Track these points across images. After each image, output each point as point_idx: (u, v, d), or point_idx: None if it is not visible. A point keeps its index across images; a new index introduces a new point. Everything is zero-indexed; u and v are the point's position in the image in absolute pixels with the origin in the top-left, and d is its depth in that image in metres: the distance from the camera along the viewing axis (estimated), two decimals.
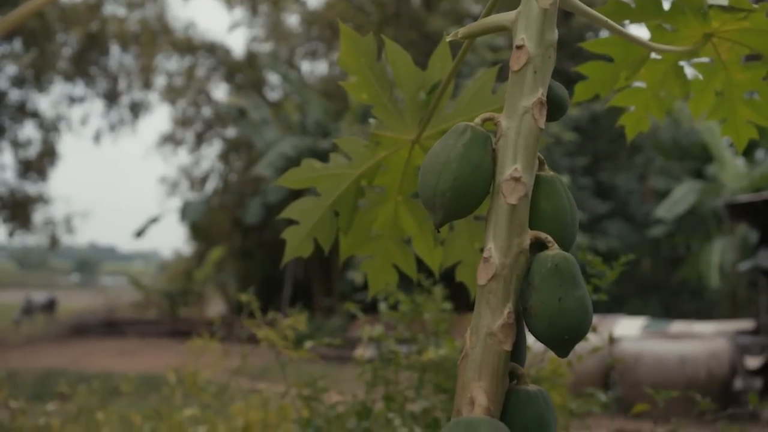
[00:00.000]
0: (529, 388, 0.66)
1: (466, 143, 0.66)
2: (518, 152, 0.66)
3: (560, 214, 0.68)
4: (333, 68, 21.75)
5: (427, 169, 0.68)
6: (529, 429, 0.64)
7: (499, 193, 0.66)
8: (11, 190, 17.18)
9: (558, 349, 0.65)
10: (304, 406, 2.12)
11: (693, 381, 7.01)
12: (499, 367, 0.64)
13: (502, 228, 0.65)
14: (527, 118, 0.67)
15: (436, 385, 2.13)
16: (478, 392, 0.60)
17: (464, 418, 0.59)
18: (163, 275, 26.35)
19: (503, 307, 0.64)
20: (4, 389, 3.30)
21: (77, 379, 8.51)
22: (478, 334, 0.64)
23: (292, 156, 15.25)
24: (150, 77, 19.98)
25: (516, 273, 0.66)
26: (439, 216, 0.68)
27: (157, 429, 2.74)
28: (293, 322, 2.58)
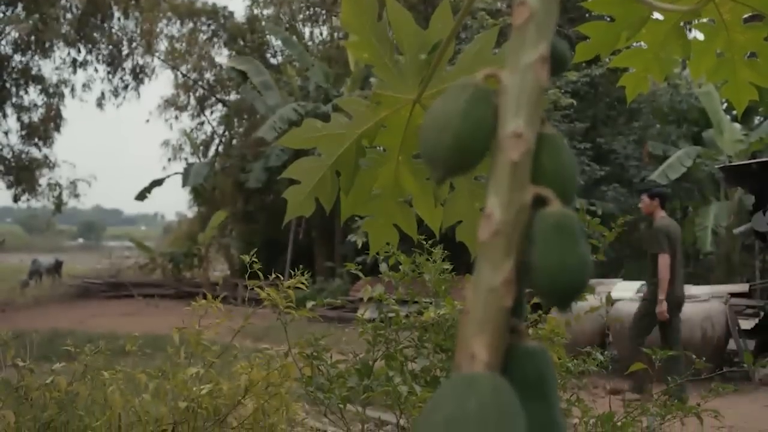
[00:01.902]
0: (529, 345, 0.66)
1: (468, 99, 0.66)
2: (520, 108, 0.66)
3: (562, 171, 0.68)
4: (334, 33, 21.62)
5: (427, 126, 0.67)
6: (529, 384, 0.64)
7: (500, 149, 0.65)
8: (16, 154, 17.17)
9: (558, 303, 0.65)
10: (307, 365, 2.14)
11: (688, 342, 7.06)
12: (500, 322, 0.64)
13: (504, 184, 0.64)
14: (529, 74, 0.67)
15: (436, 345, 2.15)
16: (478, 347, 0.60)
17: (464, 373, 0.59)
18: (167, 238, 26.48)
19: (504, 263, 0.64)
20: (12, 349, 3.33)
21: (83, 339, 8.57)
22: (479, 290, 0.64)
23: (294, 120, 15.24)
24: (152, 42, 19.86)
25: (517, 229, 0.65)
26: (440, 173, 0.67)
27: (162, 387, 2.77)
28: (295, 282, 2.60)
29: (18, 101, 17.14)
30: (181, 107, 23.33)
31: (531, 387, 0.65)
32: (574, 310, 1.75)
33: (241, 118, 20.51)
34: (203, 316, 2.82)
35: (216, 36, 21.85)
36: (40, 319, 12.15)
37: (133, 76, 20.37)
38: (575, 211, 0.68)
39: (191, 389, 2.59)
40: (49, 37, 15.83)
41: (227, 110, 21.48)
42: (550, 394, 0.68)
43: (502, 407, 0.60)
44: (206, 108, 23.10)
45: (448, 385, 0.60)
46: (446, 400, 0.59)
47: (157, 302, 15.33)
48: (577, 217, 0.64)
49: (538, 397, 0.67)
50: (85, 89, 19.81)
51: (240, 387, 2.60)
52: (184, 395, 2.60)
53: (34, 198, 17.86)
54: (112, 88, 20.27)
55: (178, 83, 22.91)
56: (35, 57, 16.98)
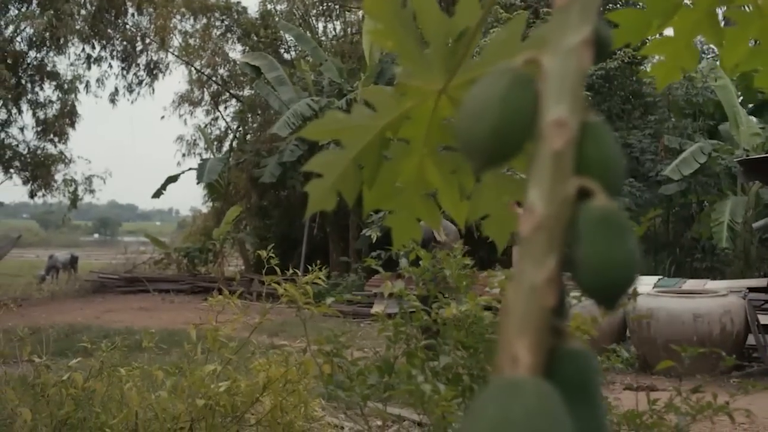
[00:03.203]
0: (573, 347, 0.62)
1: (507, 85, 0.61)
2: (563, 94, 0.62)
3: (607, 161, 0.64)
4: (347, 28, 21.58)
5: (465, 114, 0.63)
6: (573, 389, 0.60)
7: (542, 138, 0.61)
8: (32, 150, 17.23)
9: (605, 302, 0.61)
10: (326, 362, 2.11)
11: (706, 338, 6.99)
12: (542, 323, 0.60)
13: (546, 175, 0.60)
14: (572, 58, 0.63)
15: (457, 342, 2.11)
16: (521, 349, 0.56)
17: (507, 377, 0.55)
18: (181, 233, 26.58)
19: (547, 259, 0.60)
20: (29, 345, 3.32)
21: (100, 334, 8.62)
22: (520, 288, 0.60)
23: (308, 116, 15.23)
24: (166, 38, 19.89)
25: (560, 223, 0.61)
26: (478, 163, 0.63)
27: (179, 384, 2.75)
28: (313, 278, 2.57)
29: (33, 97, 17.21)
30: (195, 103, 23.37)
31: (575, 391, 0.61)
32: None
33: (255, 113, 20.50)
34: (220, 312, 2.80)
35: (229, 31, 21.84)
36: (57, 314, 12.20)
37: (147, 71, 20.40)
38: (621, 204, 0.64)
39: (209, 386, 2.56)
40: (63, 34, 15.85)
41: (241, 106, 21.48)
42: (595, 399, 0.64)
43: (549, 413, 0.56)
44: (220, 103, 23.12)
45: (491, 390, 0.56)
46: (489, 406, 0.56)
47: (172, 297, 15.38)
48: (623, 211, 0.61)
49: (582, 402, 0.63)
50: (100, 85, 19.86)
51: (258, 384, 2.57)
52: (202, 392, 2.57)
53: (49, 194, 17.94)
54: (127, 84, 20.32)
55: (192, 79, 22.94)
56: (50, 53, 17.04)
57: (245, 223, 19.42)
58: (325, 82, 16.93)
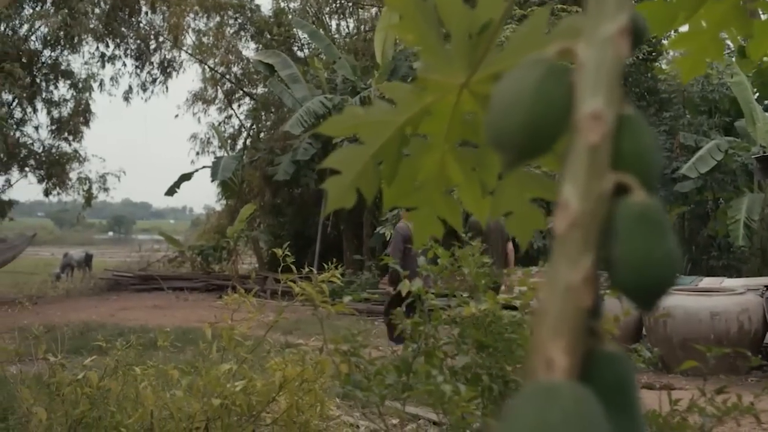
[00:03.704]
0: (610, 349, 0.60)
1: (541, 76, 0.59)
2: (599, 86, 0.59)
3: (644, 156, 0.61)
4: (360, 26, 21.56)
5: (496, 106, 0.61)
6: (610, 393, 0.58)
7: (577, 131, 0.58)
8: (47, 149, 17.31)
9: (643, 303, 0.58)
10: (344, 361, 2.08)
11: (723, 336, 6.92)
12: (578, 324, 0.57)
13: (582, 170, 0.57)
14: (609, 48, 0.60)
15: (476, 341, 2.08)
16: (556, 352, 0.53)
17: (543, 382, 0.52)
18: (195, 231, 26.66)
19: (583, 258, 0.57)
20: (44, 343, 3.32)
21: (114, 332, 8.64)
22: (555, 288, 0.58)
23: (321, 114, 15.21)
24: (179, 36, 19.93)
25: (596, 220, 0.59)
26: (509, 157, 0.60)
27: (195, 384, 2.74)
28: (329, 276, 2.55)
29: (48, 96, 17.28)
30: (208, 101, 23.43)
31: (612, 395, 0.58)
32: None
33: (269, 111, 20.51)
34: (236, 310, 2.78)
35: (243, 29, 21.86)
36: (72, 311, 12.24)
37: (160, 70, 20.46)
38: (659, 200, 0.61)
39: (224, 386, 2.55)
40: (77, 32, 15.90)
41: (255, 104, 21.51)
42: (632, 404, 0.61)
43: (587, 419, 0.53)
44: (234, 102, 23.16)
45: (527, 395, 0.54)
46: (526, 411, 0.53)
47: (186, 295, 15.41)
48: (662, 207, 0.58)
49: (619, 407, 0.61)
50: (114, 84, 19.94)
51: (274, 384, 2.55)
52: (218, 392, 2.56)
53: (64, 192, 18.00)
54: (140, 83, 20.39)
55: (206, 77, 22.99)
56: (64, 52, 17.11)
57: (259, 221, 19.44)
58: (338, 80, 16.92)
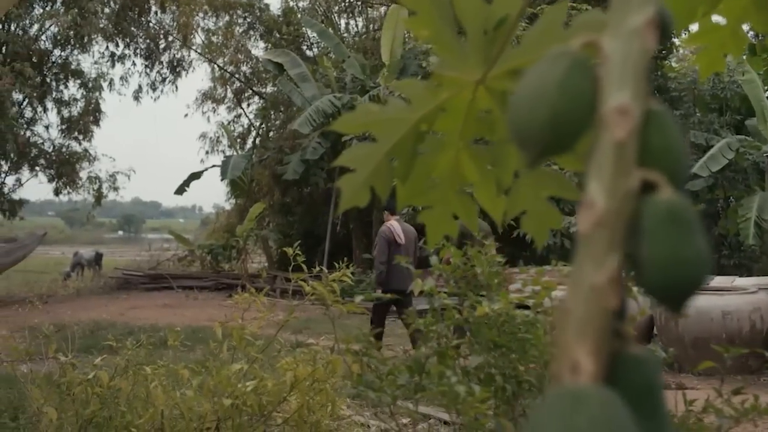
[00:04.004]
0: (637, 352, 0.58)
1: (565, 70, 0.57)
2: (625, 79, 0.57)
3: (672, 151, 0.59)
4: (369, 24, 21.56)
5: (519, 100, 0.59)
6: (637, 398, 0.56)
7: (603, 126, 0.57)
8: (57, 148, 17.36)
9: (671, 304, 0.56)
10: (355, 361, 2.07)
11: (735, 335, 6.88)
12: (604, 326, 0.55)
13: (607, 167, 0.55)
14: (635, 40, 0.58)
15: (489, 341, 2.06)
16: (582, 355, 0.51)
17: (569, 387, 0.50)
18: (205, 230, 26.71)
19: (609, 258, 0.55)
20: (54, 342, 3.32)
21: (124, 331, 8.66)
22: (580, 288, 0.56)
23: (330, 113, 15.20)
24: (189, 36, 19.97)
25: (623, 219, 0.57)
26: (533, 154, 0.58)
27: (206, 383, 2.73)
28: (340, 275, 2.53)
29: (58, 95, 17.33)
30: (218, 100, 23.47)
31: (639, 400, 0.57)
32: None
33: (278, 110, 20.53)
34: (247, 309, 2.77)
35: (252, 29, 21.89)
36: (82, 310, 12.28)
37: (170, 69, 20.51)
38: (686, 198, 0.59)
39: (235, 386, 2.54)
40: (87, 32, 15.94)
41: (264, 103, 21.53)
42: (660, 409, 0.59)
43: (615, 425, 0.51)
44: (243, 101, 23.20)
45: (552, 401, 0.52)
46: (551, 418, 0.51)
47: (196, 294, 15.43)
48: (690, 205, 0.56)
49: (647, 411, 0.59)
50: (123, 83, 20.04)
51: (285, 384, 2.54)
52: (228, 392, 2.55)
53: (74, 191, 18.05)
54: (150, 82, 20.45)
55: (215, 76, 23.04)
56: (74, 51, 17.16)
57: (268, 220, 19.46)
58: (347, 79, 16.91)
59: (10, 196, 17.06)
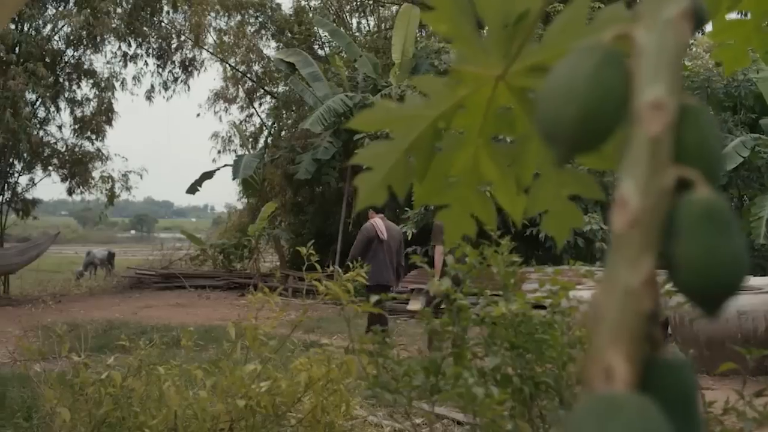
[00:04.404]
0: (672, 357, 0.55)
1: (597, 63, 0.54)
2: (660, 73, 0.54)
3: (708, 148, 0.56)
4: (381, 24, 21.55)
5: (548, 94, 0.56)
6: (672, 405, 0.53)
7: (637, 121, 0.54)
8: (70, 148, 17.42)
9: (707, 307, 0.54)
10: (370, 362, 2.05)
11: (751, 335, 6.82)
12: (638, 330, 0.53)
13: (642, 164, 0.53)
14: (670, 32, 0.55)
15: (506, 341, 2.03)
16: (616, 360, 0.49)
17: (603, 394, 0.48)
18: (217, 230, 26.77)
19: (644, 259, 0.53)
20: (67, 342, 3.31)
21: (137, 331, 8.67)
22: (613, 291, 0.53)
23: (341, 112, 15.19)
24: (201, 35, 20.00)
25: (658, 218, 0.54)
26: (563, 150, 0.56)
27: (219, 384, 2.71)
28: (354, 275, 2.52)
29: (71, 95, 17.38)
30: (230, 100, 23.52)
31: (674, 407, 0.54)
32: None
33: (290, 109, 20.54)
34: (260, 309, 2.75)
35: (264, 28, 21.91)
36: (95, 309, 12.32)
37: (182, 69, 20.52)
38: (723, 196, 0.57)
39: (249, 386, 2.52)
40: (100, 32, 15.99)
41: (276, 102, 21.54)
42: (694, 417, 0.57)
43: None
44: (255, 100, 23.23)
45: (586, 408, 0.50)
46: (586, 427, 0.49)
47: (208, 293, 15.45)
48: (728, 204, 0.54)
49: (682, 418, 0.56)
50: (136, 83, 20.06)
51: (299, 384, 2.52)
52: (242, 393, 2.53)
53: (87, 191, 18.11)
54: (162, 82, 20.46)
55: (227, 76, 23.08)
56: (87, 51, 17.22)
57: (280, 219, 19.47)
58: (359, 78, 16.89)
59: (24, 195, 17.14)
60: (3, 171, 16.03)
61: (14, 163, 16.50)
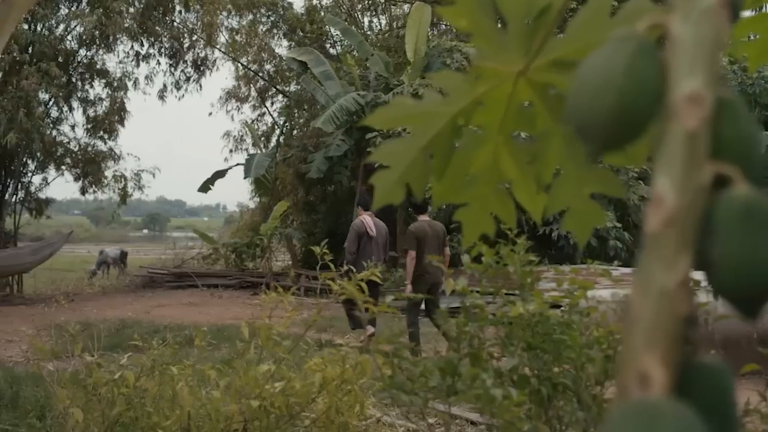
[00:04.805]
0: (709, 362, 0.53)
1: (632, 54, 0.52)
2: (696, 64, 0.52)
3: (747, 143, 0.54)
4: (393, 22, 21.54)
5: (580, 88, 0.54)
6: (709, 411, 0.51)
7: (673, 115, 0.52)
8: (83, 147, 17.48)
9: (745, 308, 0.51)
10: (385, 363, 2.03)
11: (767, 334, 6.76)
12: (675, 333, 0.50)
13: (678, 160, 0.51)
14: (706, 22, 0.53)
15: (523, 341, 2.01)
16: (653, 366, 0.47)
17: (641, 402, 0.46)
18: (229, 229, 26.84)
19: (680, 259, 0.51)
20: (80, 342, 3.31)
21: (150, 330, 8.69)
22: (649, 293, 0.51)
23: (353, 110, 15.18)
24: (213, 34, 20.02)
25: (694, 216, 0.52)
26: (597, 145, 0.54)
27: (233, 384, 2.70)
28: (369, 274, 2.50)
29: (84, 95, 17.43)
30: (242, 99, 23.55)
31: (711, 414, 0.52)
32: None
33: (302, 108, 20.55)
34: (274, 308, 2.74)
35: (275, 27, 21.93)
36: (107, 308, 12.35)
37: (194, 68, 20.54)
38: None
39: (263, 387, 2.50)
40: (112, 31, 16.02)
41: (288, 101, 21.56)
42: (732, 424, 0.55)
43: None
44: (267, 99, 23.26)
45: (624, 416, 0.47)
46: None
47: (220, 292, 15.47)
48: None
49: (719, 425, 0.54)
50: (148, 82, 20.08)
51: (314, 385, 2.50)
52: (256, 393, 2.52)
53: (100, 190, 18.14)
54: (174, 81, 20.49)
55: (239, 75, 23.11)
56: (99, 51, 17.26)
57: (292, 218, 19.48)
58: (371, 77, 16.88)
59: (37, 195, 17.22)
60: (16, 170, 16.10)
61: (27, 163, 16.58)
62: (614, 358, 1.92)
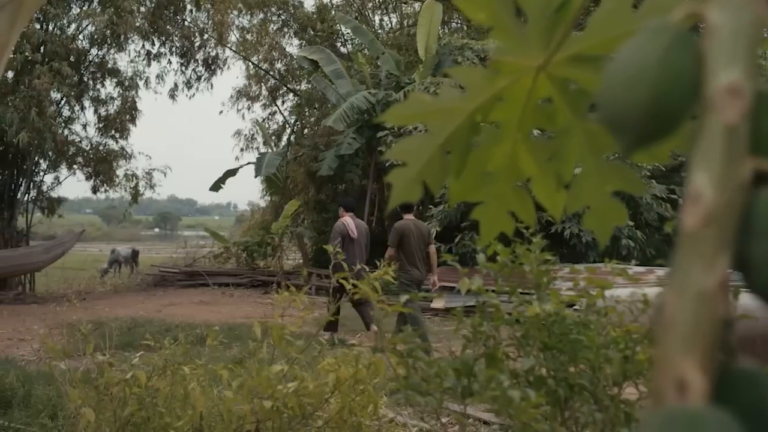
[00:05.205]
0: (747, 366, 0.50)
1: (667, 45, 0.49)
2: (736, 55, 0.49)
3: None
4: (404, 21, 21.53)
5: (613, 79, 0.51)
6: (750, 420, 0.48)
7: (710, 108, 0.49)
8: (94, 146, 17.54)
9: None
10: (399, 363, 2.00)
11: None
12: (713, 337, 0.48)
13: (717, 155, 0.48)
14: (746, 10, 0.50)
15: (540, 342, 1.98)
16: (691, 372, 0.44)
17: (680, 410, 0.43)
18: (240, 227, 26.90)
19: (719, 259, 0.48)
20: (92, 341, 3.30)
21: (161, 328, 8.70)
22: (686, 294, 0.49)
23: (364, 109, 15.17)
24: (224, 33, 20.04)
25: (734, 214, 0.49)
26: (630, 140, 0.51)
27: (245, 384, 2.68)
28: (382, 273, 2.48)
29: (95, 94, 17.48)
30: (253, 97, 23.59)
31: (750, 422, 0.49)
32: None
33: (313, 107, 20.56)
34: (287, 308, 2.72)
35: (286, 26, 21.95)
36: (119, 307, 12.38)
37: (205, 67, 20.57)
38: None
39: (275, 387, 2.49)
40: (123, 31, 16.05)
41: (299, 100, 21.57)
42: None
43: None
44: (278, 98, 23.29)
45: (660, 425, 0.45)
46: None
47: (231, 291, 15.49)
48: None
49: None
50: (159, 81, 20.11)
51: (327, 385, 2.48)
52: (269, 393, 2.50)
53: (112, 189, 18.19)
54: (185, 80, 20.53)
55: (250, 74, 23.13)
56: (111, 50, 17.31)
57: (303, 216, 19.49)
58: (382, 75, 16.86)
59: (49, 194, 17.30)
60: (29, 169, 16.17)
61: (39, 162, 16.65)
62: (632, 358, 1.89)
